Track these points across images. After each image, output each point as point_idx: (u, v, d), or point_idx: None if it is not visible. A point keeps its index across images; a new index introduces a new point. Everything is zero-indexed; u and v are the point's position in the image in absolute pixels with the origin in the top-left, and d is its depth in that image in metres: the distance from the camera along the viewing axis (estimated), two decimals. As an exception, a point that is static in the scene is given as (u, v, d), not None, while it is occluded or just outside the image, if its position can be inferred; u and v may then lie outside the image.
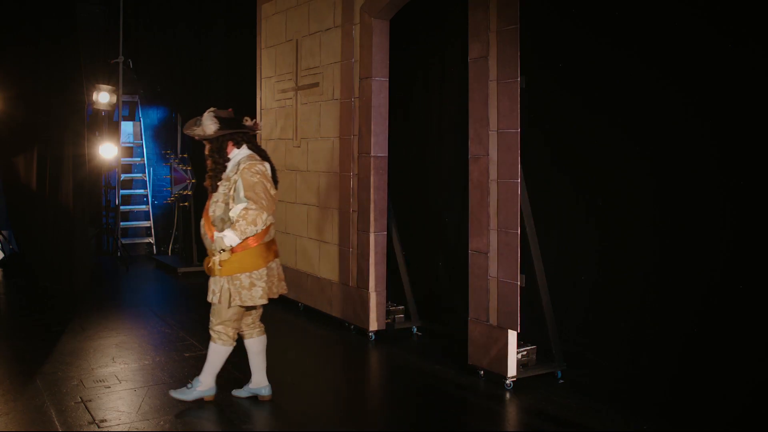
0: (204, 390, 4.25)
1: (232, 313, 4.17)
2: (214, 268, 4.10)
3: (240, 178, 4.09)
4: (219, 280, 4.11)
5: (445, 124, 5.84)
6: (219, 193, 4.15)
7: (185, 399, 4.23)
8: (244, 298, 4.12)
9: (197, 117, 4.22)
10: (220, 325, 4.18)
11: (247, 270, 4.11)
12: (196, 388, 4.24)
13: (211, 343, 4.23)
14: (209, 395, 4.28)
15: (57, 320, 6.22)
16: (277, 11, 7.19)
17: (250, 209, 4.03)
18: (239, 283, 4.10)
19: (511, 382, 4.57)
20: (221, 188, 4.16)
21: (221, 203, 4.12)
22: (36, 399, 4.31)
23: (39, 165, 7.92)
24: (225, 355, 4.25)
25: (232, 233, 4.02)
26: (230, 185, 4.13)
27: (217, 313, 4.18)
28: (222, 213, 4.10)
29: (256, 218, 4.03)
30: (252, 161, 4.13)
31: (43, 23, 7.84)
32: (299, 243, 6.83)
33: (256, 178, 4.07)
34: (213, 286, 4.14)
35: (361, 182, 5.86)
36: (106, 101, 8.97)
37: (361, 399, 4.44)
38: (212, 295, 4.13)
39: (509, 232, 4.53)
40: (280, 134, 7.16)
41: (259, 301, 4.13)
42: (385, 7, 5.59)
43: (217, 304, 4.15)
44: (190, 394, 4.23)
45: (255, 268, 4.12)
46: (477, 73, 4.72)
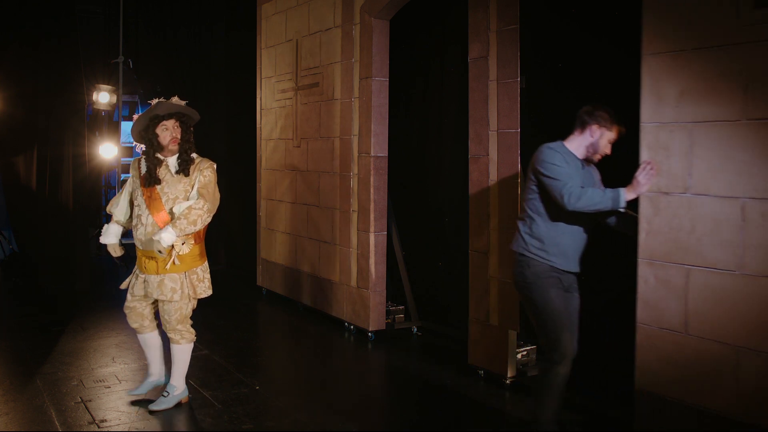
0: (180, 393, 4.22)
1: (191, 308, 4.14)
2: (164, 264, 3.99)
3: (200, 174, 4.06)
4: (175, 277, 4.03)
5: (445, 124, 5.84)
6: (177, 189, 4.03)
7: (167, 408, 4.16)
8: (199, 291, 4.11)
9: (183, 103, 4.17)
10: (180, 324, 4.11)
11: (200, 263, 4.12)
12: (173, 393, 4.19)
13: (176, 346, 4.14)
14: (184, 397, 4.26)
15: (57, 320, 6.23)
16: (277, 11, 7.19)
17: (195, 208, 3.96)
18: (196, 277, 4.08)
19: (510, 381, 4.57)
20: (179, 185, 4.03)
21: (182, 201, 4.03)
22: (36, 399, 4.31)
23: (39, 165, 7.91)
24: (190, 352, 4.22)
25: (172, 232, 3.89)
26: (190, 183, 4.05)
27: (175, 312, 4.07)
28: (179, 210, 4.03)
29: (197, 219, 3.96)
30: (207, 160, 4.16)
31: (43, 23, 7.83)
32: (299, 243, 6.83)
33: (214, 177, 4.09)
34: (170, 284, 4.01)
35: (361, 182, 5.86)
36: (106, 101, 8.96)
37: (361, 399, 4.44)
38: (172, 293, 4.01)
39: (509, 232, 4.53)
40: (280, 134, 7.16)
41: (208, 292, 4.16)
42: (385, 7, 5.59)
43: (176, 302, 4.04)
44: (170, 402, 4.18)
45: (204, 260, 4.15)
46: (477, 73, 4.72)
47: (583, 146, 3.52)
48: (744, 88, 3.00)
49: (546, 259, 3.45)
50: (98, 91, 8.88)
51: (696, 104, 3.19)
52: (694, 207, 3.21)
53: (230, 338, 5.79)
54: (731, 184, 3.07)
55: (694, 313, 3.22)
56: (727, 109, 3.07)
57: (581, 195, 3.27)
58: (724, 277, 3.10)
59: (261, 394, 4.49)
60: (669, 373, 3.32)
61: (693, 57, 3.19)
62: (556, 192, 3.33)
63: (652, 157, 3.38)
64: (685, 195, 3.25)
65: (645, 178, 3.29)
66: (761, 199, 2.96)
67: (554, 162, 3.39)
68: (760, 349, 2.97)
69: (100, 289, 7.63)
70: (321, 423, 4.03)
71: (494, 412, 4.24)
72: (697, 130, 3.20)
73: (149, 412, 4.10)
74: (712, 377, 3.14)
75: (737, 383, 3.05)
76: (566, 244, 3.46)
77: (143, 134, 4.10)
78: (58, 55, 7.79)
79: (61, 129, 7.72)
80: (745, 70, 2.99)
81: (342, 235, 6.12)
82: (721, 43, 3.07)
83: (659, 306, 3.36)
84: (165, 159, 4.10)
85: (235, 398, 4.37)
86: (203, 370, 4.89)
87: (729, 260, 3.07)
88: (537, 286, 3.44)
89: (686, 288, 3.24)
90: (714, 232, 3.13)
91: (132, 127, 4.20)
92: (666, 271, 3.32)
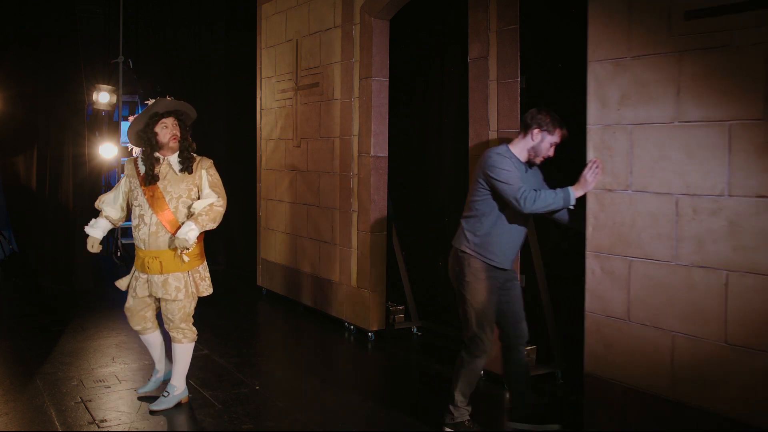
0: (180, 393, 4.22)
1: (193, 306, 4.15)
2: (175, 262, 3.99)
3: (205, 172, 4.09)
4: (179, 276, 4.03)
5: (445, 124, 5.84)
6: (180, 188, 4.03)
7: (167, 407, 4.16)
8: (201, 289, 4.12)
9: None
10: (184, 323, 4.11)
11: (200, 262, 4.13)
12: (173, 393, 4.19)
13: (178, 345, 4.14)
14: (184, 397, 4.25)
15: (57, 320, 6.23)
16: (277, 11, 7.19)
17: (216, 206, 4.01)
18: (199, 275, 4.10)
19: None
20: (182, 184, 4.04)
21: (186, 199, 4.04)
22: (36, 399, 4.31)
23: (39, 165, 7.92)
24: (192, 352, 4.23)
25: (195, 228, 3.90)
26: (194, 181, 4.06)
27: (179, 310, 4.07)
28: (186, 209, 4.03)
29: (216, 216, 4.01)
30: (207, 158, 4.18)
31: (43, 23, 7.83)
32: (299, 243, 6.83)
33: (218, 177, 4.14)
34: (175, 282, 4.01)
35: (361, 182, 5.86)
36: (106, 101, 8.96)
37: (361, 399, 4.44)
38: (176, 292, 4.01)
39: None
40: (280, 134, 7.16)
41: (209, 290, 4.18)
42: (385, 7, 5.59)
43: (180, 300, 4.04)
44: (170, 402, 4.17)
45: (204, 259, 4.16)
46: (477, 73, 4.72)
47: (525, 150, 3.68)
48: (676, 93, 3.25)
49: (486, 258, 3.65)
50: (98, 91, 8.87)
51: (635, 108, 3.42)
52: (634, 203, 3.44)
53: (230, 338, 5.79)
54: (666, 182, 3.30)
55: (635, 301, 3.45)
56: (662, 112, 3.31)
57: (536, 198, 3.47)
58: (660, 267, 3.33)
59: (261, 394, 4.49)
60: (613, 357, 3.53)
61: (632, 64, 3.43)
62: (511, 196, 3.51)
63: (597, 157, 3.58)
64: (627, 192, 3.48)
65: (592, 177, 3.53)
66: (692, 195, 3.20)
67: (505, 167, 3.55)
68: (692, 334, 3.21)
69: (100, 289, 7.63)
70: (321, 423, 4.03)
71: (494, 412, 4.24)
72: (636, 131, 3.43)
73: (149, 412, 4.10)
74: (651, 361, 3.36)
75: (672, 366, 3.28)
76: (506, 243, 3.68)
77: (141, 134, 4.06)
78: (58, 55, 7.79)
79: (61, 129, 7.71)
80: (676, 77, 3.25)
81: (342, 235, 6.12)
82: (656, 52, 3.32)
83: (605, 295, 3.58)
84: (165, 157, 4.09)
85: (235, 398, 4.38)
86: (203, 370, 4.89)
87: (665, 252, 3.31)
88: (472, 284, 3.65)
89: (628, 278, 3.47)
90: (652, 226, 3.36)
91: (129, 128, 4.16)
92: (610, 263, 3.55)
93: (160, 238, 3.99)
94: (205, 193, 4.08)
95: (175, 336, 4.13)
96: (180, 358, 4.17)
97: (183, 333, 4.12)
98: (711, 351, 3.14)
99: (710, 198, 3.14)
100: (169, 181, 4.04)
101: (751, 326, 3.00)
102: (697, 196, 3.18)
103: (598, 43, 3.58)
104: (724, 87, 3.07)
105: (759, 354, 2.97)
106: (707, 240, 3.15)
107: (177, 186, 4.03)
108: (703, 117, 3.16)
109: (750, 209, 3.00)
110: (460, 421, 3.79)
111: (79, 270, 7.60)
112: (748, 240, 3.00)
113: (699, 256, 3.18)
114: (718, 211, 3.11)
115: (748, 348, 3.01)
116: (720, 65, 3.08)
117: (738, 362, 3.04)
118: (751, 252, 2.99)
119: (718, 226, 3.11)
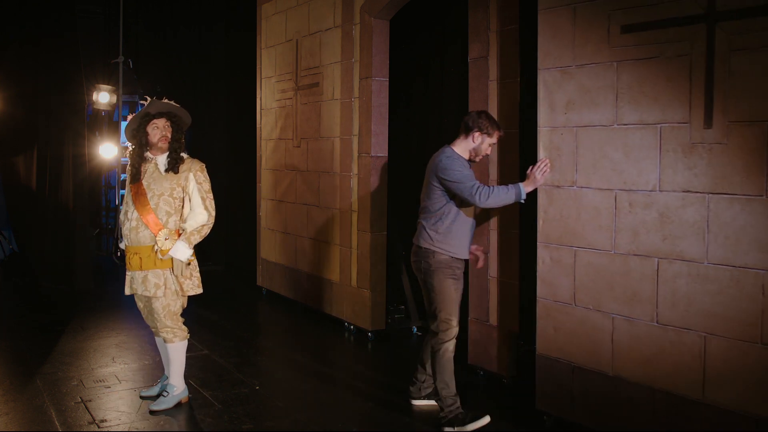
0: (180, 393, 4.21)
1: (180, 305, 4.14)
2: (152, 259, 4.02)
3: (193, 176, 4.11)
4: (159, 272, 4.04)
5: (445, 124, 5.84)
6: (163, 186, 4.06)
7: (167, 407, 4.15)
8: (186, 287, 4.10)
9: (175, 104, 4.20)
10: (170, 320, 4.10)
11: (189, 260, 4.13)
12: (173, 393, 4.18)
13: (169, 345, 4.14)
14: (184, 396, 4.25)
15: (57, 320, 6.23)
16: (277, 11, 7.19)
17: (206, 226, 4.13)
18: (181, 272, 4.07)
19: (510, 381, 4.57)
20: (165, 182, 4.06)
21: (168, 197, 4.05)
22: (36, 399, 4.31)
23: (39, 165, 7.92)
24: (185, 350, 4.22)
25: (186, 247, 4.04)
26: (178, 181, 4.08)
27: (162, 309, 4.07)
28: (169, 207, 4.05)
29: (205, 234, 4.15)
30: (198, 161, 4.19)
31: (43, 23, 7.83)
32: (299, 243, 6.83)
33: (209, 184, 4.17)
34: (154, 279, 4.03)
35: (361, 182, 5.86)
36: (106, 101, 8.95)
37: (361, 399, 4.44)
38: (155, 288, 4.02)
39: (509, 232, 4.54)
40: (280, 134, 7.16)
41: (196, 290, 4.16)
42: (385, 7, 5.59)
43: (161, 298, 4.04)
44: (170, 402, 4.16)
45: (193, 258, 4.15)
46: (477, 73, 4.72)
47: (467, 150, 4.03)
48: (615, 99, 3.57)
49: (449, 251, 3.99)
50: (98, 91, 8.87)
51: (579, 112, 3.74)
52: (579, 198, 3.76)
53: (230, 338, 5.79)
54: (607, 179, 3.62)
55: (579, 287, 3.76)
56: (603, 116, 3.63)
57: (490, 193, 3.82)
58: (601, 256, 3.65)
59: (261, 394, 4.49)
60: (562, 339, 3.86)
61: (576, 72, 3.74)
62: (467, 193, 3.84)
63: (547, 157, 3.88)
64: (573, 188, 3.79)
65: (540, 174, 3.86)
66: (629, 191, 3.52)
67: (456, 168, 3.89)
68: (629, 315, 3.53)
69: (100, 289, 7.63)
70: (321, 423, 4.03)
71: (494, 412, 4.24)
72: (580, 133, 3.74)
73: (150, 412, 4.10)
74: (594, 341, 3.69)
75: (612, 345, 3.61)
76: (463, 236, 4.03)
77: (135, 133, 4.15)
78: (58, 55, 7.79)
79: (61, 129, 7.71)
80: (615, 84, 3.56)
81: (342, 235, 6.12)
82: (597, 61, 3.64)
83: (554, 282, 3.89)
84: (154, 157, 4.15)
85: (235, 398, 4.38)
86: (203, 370, 4.89)
87: (605, 242, 3.63)
88: (438, 275, 4.00)
89: (574, 266, 3.79)
90: (594, 219, 3.69)
91: (125, 127, 4.23)
92: (559, 253, 3.86)
93: (140, 234, 4.04)
94: (194, 203, 4.11)
95: (165, 336, 4.13)
96: (174, 358, 4.17)
97: (173, 333, 4.12)
98: (645, 330, 3.46)
99: (644, 193, 3.45)
100: (153, 179, 4.09)
101: (677, 307, 3.33)
102: (633, 192, 3.50)
103: (547, 52, 3.87)
104: (655, 93, 3.39)
105: (685, 332, 3.30)
106: (641, 231, 3.46)
107: (160, 184, 4.08)
108: (638, 120, 3.47)
109: (677, 203, 3.32)
110: (453, 416, 3.94)
111: (79, 270, 7.60)
112: (675, 230, 3.33)
113: (634, 246, 3.50)
114: (650, 205, 3.43)
115: (675, 327, 3.34)
116: (651, 74, 3.40)
117: (667, 340, 3.37)
118: (678, 241, 3.32)
119: (650, 218, 3.43)
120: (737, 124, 3.09)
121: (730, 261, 3.12)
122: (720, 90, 3.13)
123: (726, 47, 3.10)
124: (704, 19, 3.18)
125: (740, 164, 3.09)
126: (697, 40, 3.20)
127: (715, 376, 3.19)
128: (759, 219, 3.03)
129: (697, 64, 3.21)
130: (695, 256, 3.25)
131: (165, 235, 4.01)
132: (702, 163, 3.22)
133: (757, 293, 3.04)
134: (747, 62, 3.04)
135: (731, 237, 3.12)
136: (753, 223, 3.04)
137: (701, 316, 3.23)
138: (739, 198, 3.09)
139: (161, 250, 4.00)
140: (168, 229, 4.04)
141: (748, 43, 3.03)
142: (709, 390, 3.21)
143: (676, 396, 3.33)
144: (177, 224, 4.10)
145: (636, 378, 3.50)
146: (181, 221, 4.10)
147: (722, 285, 3.16)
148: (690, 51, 3.23)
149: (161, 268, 4.04)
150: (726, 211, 3.13)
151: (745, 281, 3.07)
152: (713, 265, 3.19)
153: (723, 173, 3.14)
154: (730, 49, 3.09)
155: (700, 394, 3.24)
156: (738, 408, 3.10)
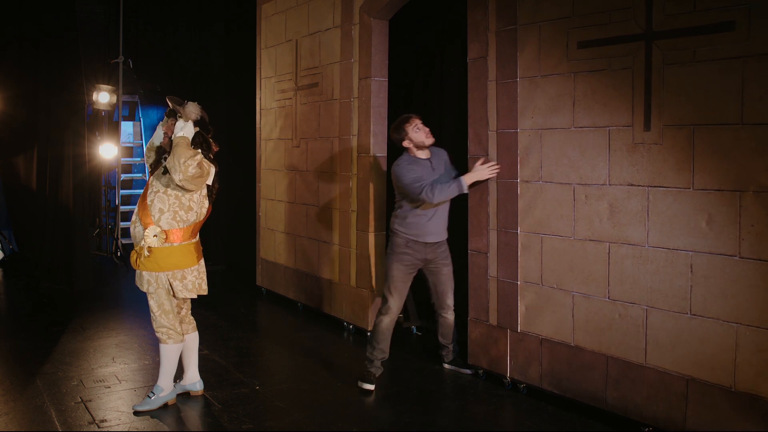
0: (166, 395, 4.20)
1: (173, 304, 4.14)
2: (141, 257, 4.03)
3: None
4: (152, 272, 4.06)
5: (445, 124, 5.84)
6: (161, 182, 4.08)
7: (151, 409, 4.13)
8: (176, 288, 4.09)
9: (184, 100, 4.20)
10: (164, 319, 4.10)
11: (182, 266, 4.09)
12: (158, 395, 4.17)
13: (162, 345, 4.14)
14: (171, 399, 4.23)
15: (57, 320, 6.23)
16: (277, 11, 7.19)
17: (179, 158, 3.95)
18: (172, 274, 4.08)
19: (510, 381, 4.57)
20: (164, 179, 4.08)
21: (163, 195, 4.07)
22: (36, 399, 4.32)
23: (39, 165, 7.92)
24: (179, 353, 4.21)
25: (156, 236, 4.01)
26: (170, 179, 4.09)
27: (157, 307, 4.09)
28: (162, 204, 4.05)
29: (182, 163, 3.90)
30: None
31: (43, 23, 7.84)
32: (299, 243, 6.83)
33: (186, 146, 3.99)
34: (147, 276, 4.06)
35: (360, 182, 5.87)
36: (106, 101, 8.96)
37: (361, 398, 4.45)
38: (147, 285, 4.06)
39: (509, 232, 4.54)
40: (279, 134, 7.16)
41: (187, 294, 4.12)
42: (385, 7, 5.59)
43: (152, 294, 4.06)
44: (154, 403, 4.14)
45: (189, 264, 4.12)
46: (476, 73, 4.72)
47: (415, 149, 4.59)
48: (572, 105, 4.09)
49: (405, 233, 4.59)
50: (98, 91, 8.87)
51: (544, 116, 4.26)
52: (543, 191, 4.30)
53: (230, 338, 5.80)
54: (566, 174, 4.14)
55: (545, 269, 4.30)
56: (563, 119, 4.15)
57: (434, 190, 4.38)
58: (563, 241, 4.18)
59: (261, 394, 4.49)
60: (532, 315, 4.42)
61: (542, 81, 4.27)
62: (416, 194, 4.43)
63: (520, 155, 4.41)
64: (539, 182, 4.32)
65: (487, 170, 4.51)
66: (584, 185, 4.04)
67: (404, 173, 4.49)
68: (586, 293, 4.06)
69: (100, 289, 7.64)
70: (321, 423, 4.04)
71: (494, 413, 4.25)
72: (545, 134, 4.27)
73: (133, 413, 4.08)
74: (558, 316, 4.24)
75: (573, 319, 4.15)
76: (423, 221, 4.57)
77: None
78: (58, 55, 7.79)
79: (61, 129, 7.72)
80: (572, 92, 4.08)
81: (342, 235, 6.13)
82: (558, 72, 4.16)
83: (525, 265, 4.43)
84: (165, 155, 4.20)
85: (235, 398, 4.38)
86: (203, 370, 4.89)
87: (566, 229, 4.16)
88: (391, 256, 4.65)
89: (541, 251, 4.32)
90: (556, 209, 4.22)
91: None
92: (529, 239, 4.41)
93: (136, 230, 4.11)
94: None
95: (159, 336, 4.14)
96: (165, 359, 4.15)
97: (167, 334, 4.12)
98: (598, 306, 4.00)
99: (597, 186, 3.97)
100: (157, 177, 4.15)
101: (624, 285, 3.86)
102: (588, 185, 4.02)
103: (521, 64, 4.41)
104: (605, 100, 3.90)
105: (630, 306, 3.83)
106: (595, 219, 3.99)
107: (159, 180, 4.12)
108: (591, 124, 3.98)
109: (623, 195, 3.83)
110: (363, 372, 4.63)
111: (79, 270, 7.60)
112: (623, 218, 3.84)
113: (590, 232, 4.02)
114: (602, 197, 3.95)
115: (622, 301, 3.87)
116: (602, 84, 3.91)
117: (617, 313, 3.90)
118: (624, 227, 3.84)
119: (602, 208, 3.95)
120: (670, 128, 3.58)
121: (665, 244, 3.65)
122: (656, 98, 3.63)
123: (661, 61, 3.60)
124: (643, 38, 3.67)
125: (672, 161, 3.59)
126: (638, 55, 3.70)
127: (654, 342, 3.72)
128: (687, 208, 3.54)
129: (638, 76, 3.71)
130: (638, 240, 3.77)
131: (153, 231, 4.00)
132: (643, 161, 3.72)
133: (686, 271, 3.56)
134: (677, 74, 3.54)
135: (666, 224, 3.63)
136: (683, 211, 3.56)
137: (643, 291, 3.75)
138: (671, 190, 3.61)
139: (147, 247, 4.00)
140: (159, 227, 4.02)
141: (679, 58, 3.53)
142: (650, 355, 3.74)
143: (624, 361, 3.86)
144: (171, 224, 4.06)
145: (592, 347, 4.04)
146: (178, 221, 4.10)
147: (659, 265, 3.68)
148: (632, 64, 3.74)
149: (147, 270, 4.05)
150: (661, 201, 3.64)
151: (677, 261, 3.59)
152: (652, 248, 3.71)
153: (659, 169, 3.65)
154: (664, 63, 3.58)
155: (643, 358, 3.77)
156: (673, 369, 3.63)
